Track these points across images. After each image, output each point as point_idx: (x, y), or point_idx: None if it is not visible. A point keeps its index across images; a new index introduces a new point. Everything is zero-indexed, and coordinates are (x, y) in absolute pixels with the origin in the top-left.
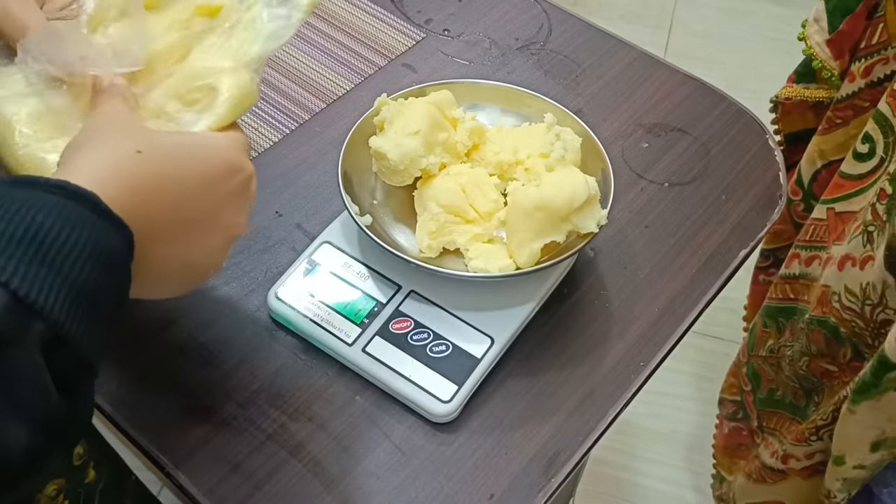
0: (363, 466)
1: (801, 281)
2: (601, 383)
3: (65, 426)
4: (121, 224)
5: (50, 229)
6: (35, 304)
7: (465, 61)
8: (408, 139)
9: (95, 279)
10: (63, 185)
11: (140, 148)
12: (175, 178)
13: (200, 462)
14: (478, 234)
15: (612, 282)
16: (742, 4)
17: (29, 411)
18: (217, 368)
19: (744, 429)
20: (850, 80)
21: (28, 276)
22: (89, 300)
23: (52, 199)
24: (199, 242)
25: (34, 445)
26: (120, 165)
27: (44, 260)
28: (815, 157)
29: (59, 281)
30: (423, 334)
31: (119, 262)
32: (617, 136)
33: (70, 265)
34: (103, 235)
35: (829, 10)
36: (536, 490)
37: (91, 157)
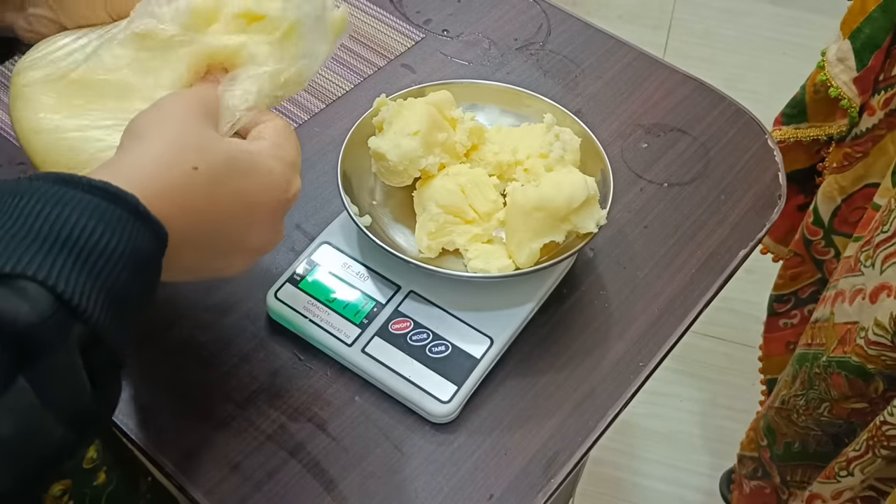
0: (363, 467)
1: (818, 324)
2: (601, 383)
3: (96, 417)
4: (157, 225)
5: (92, 232)
6: (78, 307)
7: (464, 62)
8: (407, 139)
9: (130, 280)
10: (104, 186)
11: (197, 164)
12: (223, 200)
13: (200, 462)
14: (477, 235)
15: (611, 282)
16: (741, 4)
17: (66, 409)
18: (216, 369)
19: (766, 487)
20: (870, 114)
21: (70, 279)
22: (124, 300)
23: (93, 200)
24: (228, 255)
25: (70, 439)
26: (173, 181)
27: (85, 262)
28: (834, 194)
29: (98, 283)
30: (423, 335)
31: (152, 261)
32: (616, 136)
33: (109, 268)
34: (140, 238)
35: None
36: (536, 490)
37: (144, 159)
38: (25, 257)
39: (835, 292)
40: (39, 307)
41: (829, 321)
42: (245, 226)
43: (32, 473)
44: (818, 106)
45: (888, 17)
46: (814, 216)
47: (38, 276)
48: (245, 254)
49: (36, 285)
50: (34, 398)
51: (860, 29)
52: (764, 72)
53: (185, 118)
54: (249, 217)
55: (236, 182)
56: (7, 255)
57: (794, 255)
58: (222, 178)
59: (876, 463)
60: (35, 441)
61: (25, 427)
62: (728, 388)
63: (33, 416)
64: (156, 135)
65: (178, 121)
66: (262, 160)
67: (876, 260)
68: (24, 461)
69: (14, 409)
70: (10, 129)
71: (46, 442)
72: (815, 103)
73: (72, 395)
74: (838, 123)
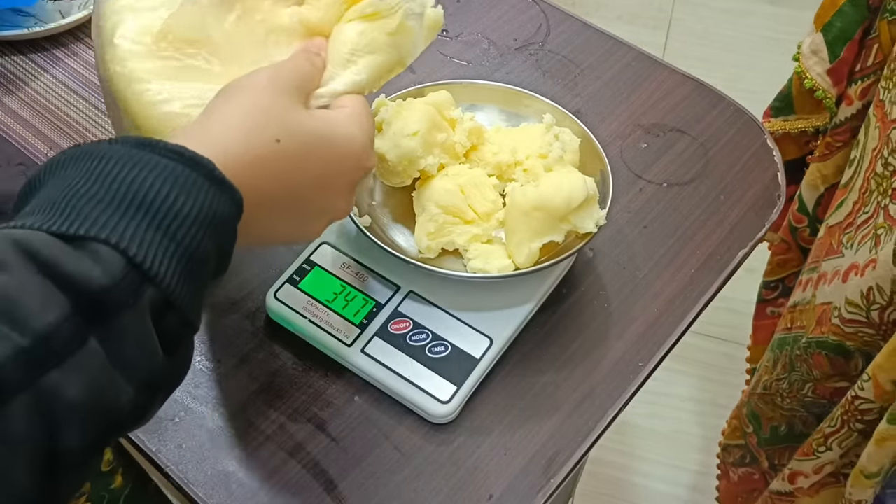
0: (362, 467)
1: (799, 307)
2: (600, 383)
3: (167, 382)
4: (232, 189)
5: (167, 196)
6: (150, 271)
7: (463, 62)
8: (406, 140)
9: (205, 244)
10: (181, 150)
11: (280, 136)
12: (302, 169)
13: (199, 463)
14: (476, 235)
15: (610, 282)
16: (740, 4)
17: (138, 372)
18: (216, 369)
19: (755, 473)
20: (848, 104)
21: (144, 242)
22: (198, 265)
23: (169, 164)
24: (301, 222)
25: (140, 402)
26: (254, 150)
27: (159, 226)
28: (817, 183)
29: (171, 247)
30: (422, 335)
31: (228, 226)
32: (615, 136)
33: (184, 232)
34: (215, 201)
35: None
36: (536, 490)
37: (229, 126)
38: (101, 220)
39: (817, 275)
40: (112, 270)
41: (811, 304)
42: (323, 194)
43: (101, 433)
44: (804, 98)
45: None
46: (798, 203)
47: (111, 239)
48: (320, 220)
49: (109, 248)
50: (105, 359)
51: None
52: (763, 72)
53: (276, 90)
54: (327, 184)
55: (318, 151)
56: (82, 217)
57: (782, 242)
58: (303, 150)
59: (852, 437)
60: (105, 401)
61: (96, 387)
62: (728, 388)
63: (104, 376)
64: (243, 102)
65: (268, 92)
66: (343, 128)
67: (855, 240)
68: (95, 420)
69: (86, 369)
70: (10, 130)
71: (116, 403)
72: (801, 95)
73: (143, 358)
74: (824, 115)
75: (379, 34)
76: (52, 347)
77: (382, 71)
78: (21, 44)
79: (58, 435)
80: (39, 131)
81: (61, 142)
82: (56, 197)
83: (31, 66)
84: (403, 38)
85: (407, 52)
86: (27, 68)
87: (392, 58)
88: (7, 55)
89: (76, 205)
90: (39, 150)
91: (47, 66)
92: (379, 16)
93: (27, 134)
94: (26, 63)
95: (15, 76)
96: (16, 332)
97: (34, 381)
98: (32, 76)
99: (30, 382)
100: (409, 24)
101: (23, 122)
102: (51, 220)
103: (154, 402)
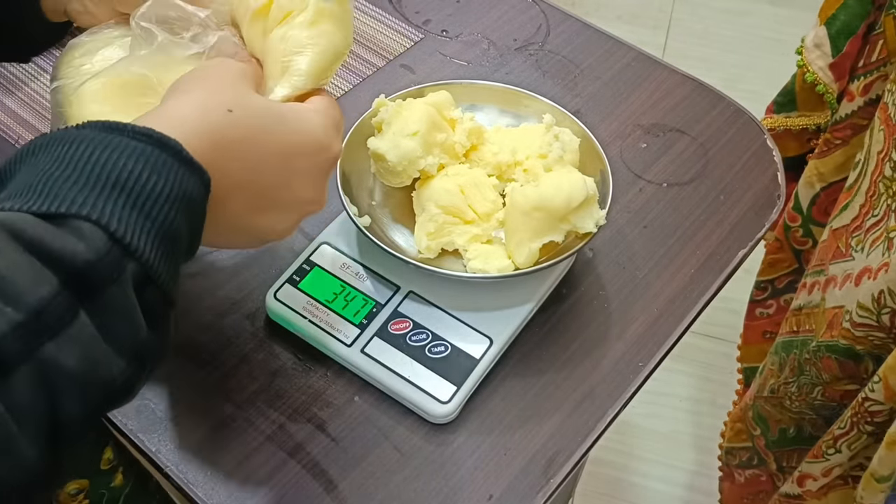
0: (362, 467)
1: (805, 310)
2: (600, 383)
3: (152, 356)
4: (201, 170)
5: (139, 176)
6: (130, 246)
7: (463, 62)
8: (406, 140)
9: (177, 221)
10: (148, 132)
11: (231, 107)
12: (258, 142)
13: (199, 463)
14: (476, 235)
15: (610, 282)
16: (740, 5)
17: (127, 344)
18: (216, 370)
19: (762, 474)
20: (849, 100)
21: (123, 218)
22: (172, 241)
23: (139, 146)
24: (271, 209)
25: (130, 374)
26: (209, 120)
27: (134, 204)
28: (813, 181)
29: (147, 224)
30: (422, 335)
31: (197, 206)
32: (615, 136)
33: (158, 209)
34: (185, 181)
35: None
36: (535, 490)
37: (184, 105)
38: (79, 198)
39: (825, 278)
40: (95, 245)
41: (820, 307)
42: (286, 176)
43: (98, 403)
44: (807, 95)
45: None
46: (794, 201)
47: (92, 215)
48: (289, 210)
49: (90, 224)
50: (95, 332)
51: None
52: (763, 72)
53: (226, 76)
54: (289, 166)
55: (274, 127)
56: (61, 197)
57: (775, 241)
58: (256, 121)
59: (862, 439)
60: (100, 372)
61: (90, 357)
62: (728, 388)
63: (96, 347)
64: (196, 87)
65: (219, 77)
66: (303, 113)
67: (865, 244)
68: (91, 390)
69: (79, 341)
70: (10, 130)
71: (109, 372)
72: (804, 92)
73: (130, 330)
74: (826, 113)
75: (299, 31)
76: (46, 320)
77: (323, 63)
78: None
79: (59, 404)
80: (39, 131)
81: None
82: (32, 181)
83: (31, 66)
84: (329, 23)
85: (341, 34)
86: (27, 69)
87: (326, 46)
88: None
89: (53, 186)
90: None
91: (47, 67)
92: (291, 15)
93: (27, 134)
94: (26, 63)
95: (15, 77)
96: (9, 307)
97: (33, 352)
98: (32, 77)
99: (29, 354)
100: (326, 7)
101: (23, 122)
102: (31, 202)
103: (142, 375)
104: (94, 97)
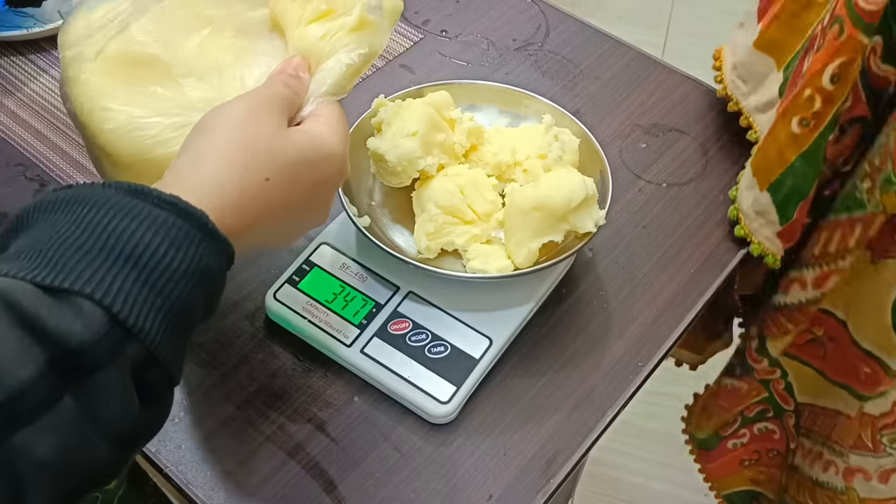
0: (362, 467)
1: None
2: (600, 383)
3: (144, 435)
4: (225, 243)
5: (156, 249)
6: (134, 327)
7: (462, 62)
8: (405, 140)
9: (192, 297)
10: (174, 201)
11: (269, 175)
12: (290, 196)
13: (199, 464)
14: (476, 235)
15: (610, 282)
16: (740, 5)
17: (114, 429)
18: (215, 370)
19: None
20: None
21: (130, 296)
22: (184, 318)
23: (161, 215)
24: (284, 237)
25: (114, 457)
26: (247, 193)
27: (146, 280)
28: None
29: (158, 302)
30: (422, 335)
31: (217, 280)
32: (615, 136)
33: (172, 286)
34: (206, 255)
35: (780, 202)
36: (535, 491)
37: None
38: (87, 273)
39: (845, 467)
40: (93, 326)
41: (849, 496)
42: (307, 211)
43: (71, 492)
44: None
45: (812, 167)
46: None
47: (96, 294)
48: (300, 232)
49: (92, 304)
50: (79, 417)
51: (781, 181)
52: None
53: (255, 122)
54: (311, 202)
55: (304, 177)
56: (68, 269)
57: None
58: (292, 180)
59: None
60: (76, 459)
61: (68, 445)
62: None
63: (77, 434)
64: (226, 141)
65: (249, 126)
66: (326, 144)
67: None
68: (64, 479)
69: (58, 428)
70: (9, 131)
71: (89, 461)
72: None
73: (119, 414)
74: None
75: (342, 33)
76: (25, 405)
77: (354, 70)
78: (20, 44)
79: (23, 495)
80: (39, 132)
81: (60, 142)
82: (44, 243)
83: (31, 66)
84: (367, 32)
85: (373, 46)
86: (26, 69)
87: (360, 54)
88: (6, 56)
89: (63, 254)
90: (39, 151)
91: (46, 67)
92: (335, 13)
93: (26, 135)
94: (26, 64)
95: (14, 77)
96: None
97: (4, 439)
98: (32, 77)
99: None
100: (370, 18)
101: (22, 122)
102: (35, 270)
103: (130, 455)
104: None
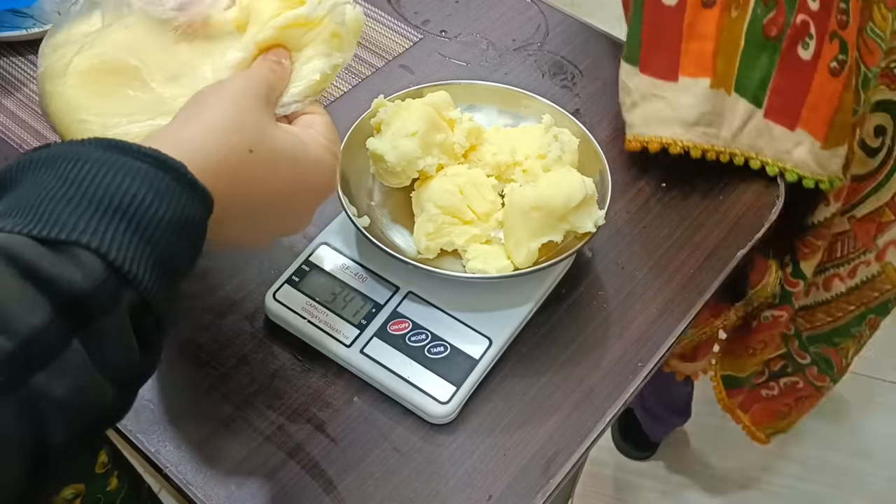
0: (361, 468)
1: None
2: (599, 384)
3: (143, 377)
4: (204, 192)
5: (143, 199)
6: (129, 274)
7: (462, 62)
8: (405, 140)
9: (178, 246)
10: (153, 153)
11: (253, 147)
12: (271, 182)
13: (198, 464)
14: (475, 235)
15: (609, 282)
16: None
17: (118, 371)
18: (215, 370)
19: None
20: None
21: (123, 245)
22: (171, 266)
23: (143, 167)
24: (258, 233)
25: (120, 398)
26: (229, 159)
27: (136, 230)
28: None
29: (147, 250)
30: (422, 335)
31: (198, 230)
32: (615, 136)
33: (158, 235)
34: (188, 205)
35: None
36: (535, 491)
37: (206, 135)
38: (80, 224)
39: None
40: (93, 274)
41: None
42: (289, 209)
43: (85, 430)
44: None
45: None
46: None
47: (92, 243)
48: (278, 233)
49: (89, 253)
50: (87, 359)
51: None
52: None
53: (248, 100)
54: (294, 201)
55: (290, 167)
56: (61, 222)
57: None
58: (275, 163)
59: None
60: (89, 399)
61: (81, 386)
62: None
63: (87, 375)
64: (216, 110)
65: (242, 102)
66: (314, 150)
67: None
68: (77, 418)
69: (69, 370)
70: (8, 131)
71: (98, 401)
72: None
73: (122, 358)
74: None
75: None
76: (37, 350)
77: (332, 69)
78: (19, 45)
79: (47, 432)
80: (38, 132)
81: None
82: (32, 200)
83: (30, 67)
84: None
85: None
86: (25, 69)
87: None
88: (5, 56)
89: (54, 209)
90: None
91: None
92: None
93: (25, 135)
94: (25, 64)
95: (13, 77)
96: (1, 336)
97: (21, 383)
98: (31, 77)
99: (17, 385)
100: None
101: (21, 122)
102: (30, 224)
103: (132, 397)
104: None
